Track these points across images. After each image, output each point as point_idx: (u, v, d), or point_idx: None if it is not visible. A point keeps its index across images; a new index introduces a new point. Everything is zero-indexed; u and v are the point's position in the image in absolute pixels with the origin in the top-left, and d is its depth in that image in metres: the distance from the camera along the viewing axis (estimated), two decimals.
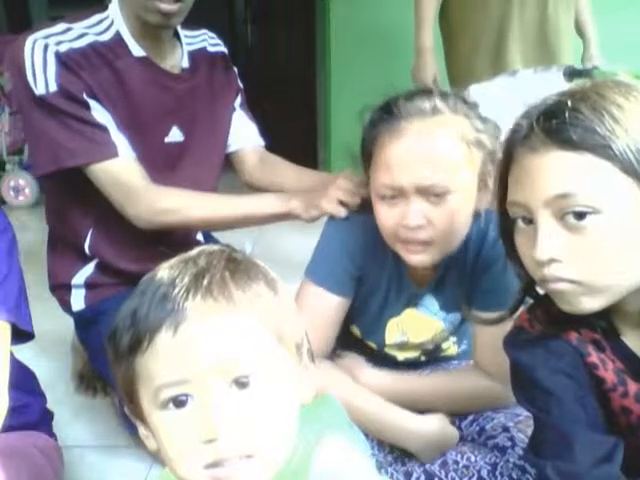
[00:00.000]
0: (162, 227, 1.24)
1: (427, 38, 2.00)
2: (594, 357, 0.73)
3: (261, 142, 1.56)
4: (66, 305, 1.39)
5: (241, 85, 1.52)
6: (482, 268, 1.03)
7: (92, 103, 1.18)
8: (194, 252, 0.61)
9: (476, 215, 0.99)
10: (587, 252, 0.64)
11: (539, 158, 0.66)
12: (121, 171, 1.21)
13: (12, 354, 0.92)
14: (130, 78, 1.24)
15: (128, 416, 1.30)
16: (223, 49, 1.50)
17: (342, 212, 1.09)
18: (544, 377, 0.73)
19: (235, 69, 1.51)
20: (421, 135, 0.92)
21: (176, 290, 0.56)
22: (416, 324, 1.12)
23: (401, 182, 0.92)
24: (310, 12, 3.54)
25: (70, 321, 1.43)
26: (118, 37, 1.24)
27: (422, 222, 0.93)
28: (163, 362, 0.55)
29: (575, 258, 0.64)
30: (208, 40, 1.46)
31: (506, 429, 1.00)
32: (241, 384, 0.55)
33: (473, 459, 0.96)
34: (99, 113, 1.19)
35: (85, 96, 1.17)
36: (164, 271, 0.59)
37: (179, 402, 0.55)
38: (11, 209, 3.23)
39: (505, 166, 0.72)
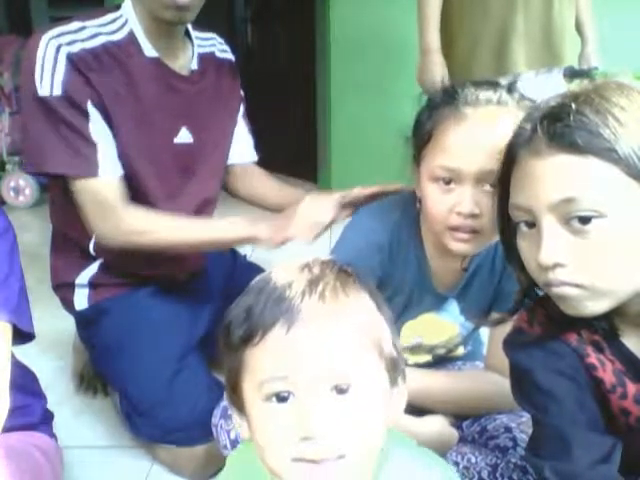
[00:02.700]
0: (129, 247, 1.24)
1: (433, 38, 1.88)
2: (593, 358, 0.72)
3: (254, 157, 1.58)
4: (69, 304, 1.39)
5: (242, 94, 1.54)
6: (509, 272, 1.03)
7: (93, 114, 1.18)
8: (309, 260, 0.65)
9: None
10: (591, 256, 0.64)
11: (543, 162, 0.65)
12: (100, 189, 1.21)
13: (12, 354, 0.92)
14: (140, 79, 1.25)
15: (129, 415, 1.31)
16: (231, 56, 1.51)
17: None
18: (543, 378, 0.73)
19: (239, 78, 1.52)
20: (486, 122, 0.91)
21: (292, 292, 0.59)
22: (432, 327, 1.12)
23: (460, 165, 0.91)
24: (310, 12, 3.53)
25: (71, 321, 1.43)
26: (131, 36, 1.25)
27: (476, 210, 0.92)
28: (272, 356, 0.58)
29: (580, 262, 0.64)
30: (217, 46, 1.47)
31: (508, 429, 1.00)
32: (341, 390, 0.58)
33: (473, 460, 0.96)
34: (97, 127, 1.19)
35: (89, 105, 1.17)
36: (280, 274, 0.62)
37: (282, 398, 0.59)
38: (11, 209, 3.23)
39: (507, 169, 0.71)
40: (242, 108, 1.53)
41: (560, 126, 0.64)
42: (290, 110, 3.96)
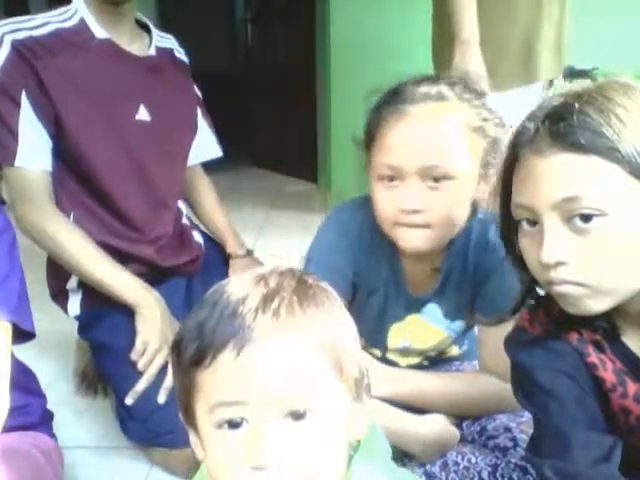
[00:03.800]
0: (31, 240, 1.27)
1: (472, 29, 1.71)
2: (593, 357, 0.73)
3: (219, 153, 1.63)
4: (66, 311, 1.40)
5: (200, 95, 1.58)
6: (484, 273, 1.03)
7: (25, 105, 1.20)
8: (267, 270, 0.61)
9: (474, 207, 0.99)
10: (593, 254, 0.64)
11: (545, 160, 0.65)
12: (23, 176, 1.24)
13: (12, 354, 0.92)
14: (95, 59, 1.28)
15: (122, 418, 1.30)
16: (186, 59, 1.54)
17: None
18: (544, 377, 0.73)
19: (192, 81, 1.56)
20: (425, 118, 0.92)
21: (245, 309, 0.55)
22: (420, 331, 1.12)
23: (401, 162, 0.93)
24: (310, 12, 3.53)
25: (71, 321, 1.43)
26: (82, 23, 1.29)
27: (419, 206, 0.93)
28: (223, 381, 0.55)
29: (581, 260, 0.65)
30: (176, 46, 1.51)
31: (508, 429, 1.00)
32: (296, 416, 0.55)
33: (474, 460, 0.96)
34: (26, 118, 1.21)
35: (23, 96, 1.20)
36: (235, 286, 0.59)
37: (234, 424, 0.55)
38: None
39: (509, 167, 0.71)
40: (201, 109, 1.57)
41: (563, 125, 0.64)
42: (290, 110, 3.96)
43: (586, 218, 0.63)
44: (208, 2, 5.13)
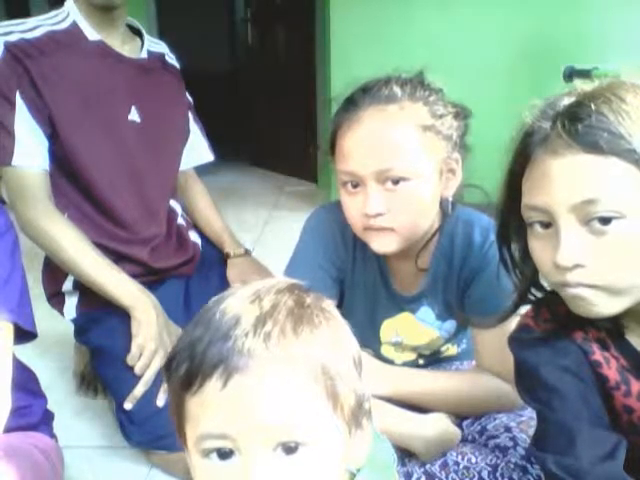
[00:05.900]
0: (30, 238, 1.27)
1: None
2: (598, 355, 0.73)
3: (211, 157, 1.63)
4: (62, 314, 1.40)
5: (191, 100, 1.58)
6: (470, 274, 1.03)
7: (20, 106, 1.22)
8: (265, 286, 0.59)
9: (446, 204, 1.00)
10: (610, 256, 0.64)
11: (562, 161, 0.64)
12: (22, 175, 1.25)
13: (13, 354, 0.92)
14: (88, 59, 1.29)
15: (122, 422, 1.30)
16: (177, 64, 1.55)
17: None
18: (548, 374, 0.73)
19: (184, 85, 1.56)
20: (374, 122, 0.93)
21: (237, 332, 0.53)
22: (411, 329, 1.12)
23: (357, 168, 0.94)
24: (310, 12, 3.53)
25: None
26: (74, 26, 1.30)
27: (381, 210, 0.94)
28: (210, 412, 0.53)
29: (598, 263, 0.64)
30: (167, 52, 1.52)
31: (508, 429, 1.00)
32: (288, 449, 0.53)
33: (474, 460, 0.96)
34: (21, 118, 1.22)
35: (17, 96, 1.21)
36: (231, 304, 0.56)
37: (223, 454, 0.53)
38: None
39: (520, 167, 0.70)
40: (192, 113, 1.57)
41: (582, 126, 0.63)
42: (290, 110, 3.96)
43: (605, 221, 0.63)
44: (208, 2, 5.13)
